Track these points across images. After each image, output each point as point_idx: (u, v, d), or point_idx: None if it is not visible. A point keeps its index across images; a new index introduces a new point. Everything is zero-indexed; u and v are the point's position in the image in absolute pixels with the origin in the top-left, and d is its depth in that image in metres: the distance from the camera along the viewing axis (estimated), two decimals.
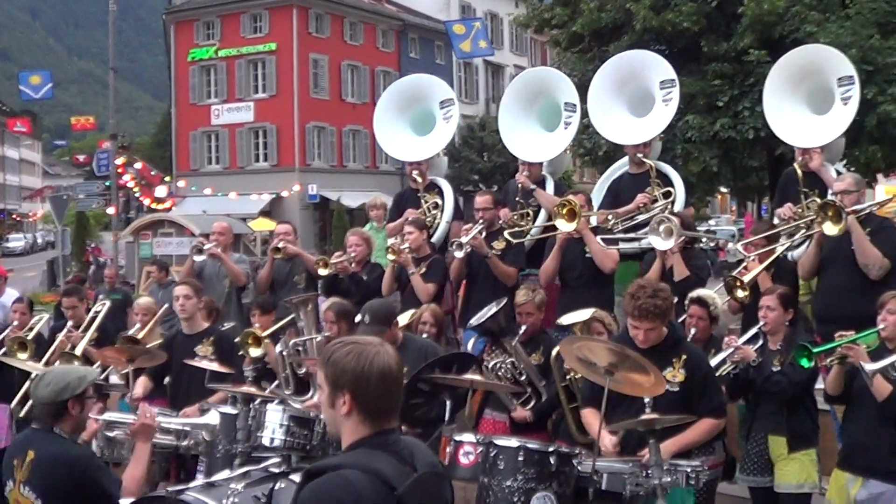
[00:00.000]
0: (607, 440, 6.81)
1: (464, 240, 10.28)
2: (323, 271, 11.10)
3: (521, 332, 8.54)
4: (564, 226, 9.68)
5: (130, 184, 46.80)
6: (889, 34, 20.03)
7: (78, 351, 10.40)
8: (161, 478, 8.88)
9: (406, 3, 70.08)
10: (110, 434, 7.93)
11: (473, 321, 8.72)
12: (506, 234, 10.52)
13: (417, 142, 12.67)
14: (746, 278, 9.16)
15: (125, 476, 6.25)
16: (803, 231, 9.66)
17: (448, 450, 6.93)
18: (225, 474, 6.68)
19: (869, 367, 6.69)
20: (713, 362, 7.70)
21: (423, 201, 11.92)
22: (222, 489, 6.33)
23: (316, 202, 57.17)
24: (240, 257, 12.82)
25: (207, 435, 7.81)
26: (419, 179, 11.96)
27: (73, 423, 6.08)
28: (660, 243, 9.62)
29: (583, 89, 12.33)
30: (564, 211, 9.69)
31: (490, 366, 8.38)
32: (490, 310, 8.71)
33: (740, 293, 9.09)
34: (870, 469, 7.07)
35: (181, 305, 9.54)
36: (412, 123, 12.85)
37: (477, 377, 7.39)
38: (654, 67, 11.81)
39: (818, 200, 9.50)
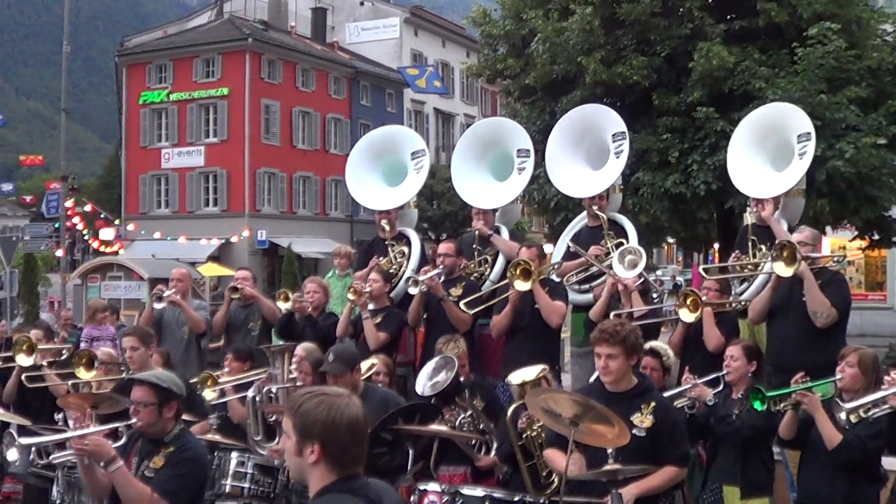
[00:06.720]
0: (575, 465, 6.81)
1: (420, 277, 10.43)
2: (283, 305, 11.17)
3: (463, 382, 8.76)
4: (521, 285, 9.74)
5: (80, 226, 46.51)
6: (837, 89, 20.28)
7: None
8: None
9: (358, 51, 70.33)
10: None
11: (429, 390, 8.51)
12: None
13: (387, 192, 12.78)
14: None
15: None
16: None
17: (412, 499, 6.99)
18: None
19: (849, 405, 6.86)
20: (667, 394, 7.85)
21: (390, 250, 11.99)
22: None
23: (265, 248, 57.01)
24: (199, 304, 12.73)
25: None
26: (387, 228, 12.03)
27: None
28: (621, 271, 9.86)
29: (533, 140, 12.55)
30: (518, 271, 9.77)
31: (458, 424, 8.37)
32: (443, 374, 8.59)
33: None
34: None
35: (129, 357, 9.44)
36: (384, 173, 12.97)
37: (443, 428, 7.47)
38: (607, 120, 12.00)
39: (764, 249, 9.86)
